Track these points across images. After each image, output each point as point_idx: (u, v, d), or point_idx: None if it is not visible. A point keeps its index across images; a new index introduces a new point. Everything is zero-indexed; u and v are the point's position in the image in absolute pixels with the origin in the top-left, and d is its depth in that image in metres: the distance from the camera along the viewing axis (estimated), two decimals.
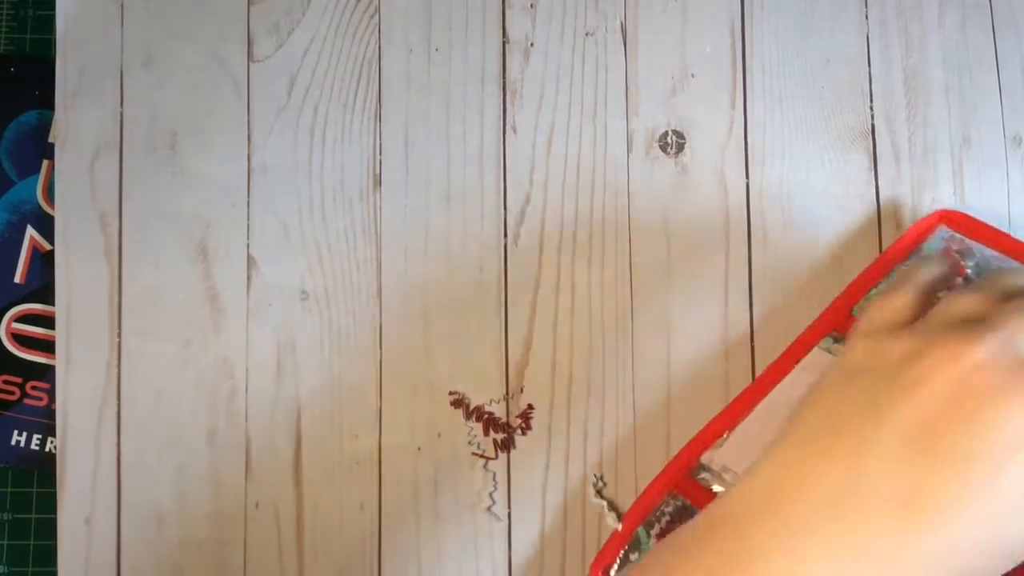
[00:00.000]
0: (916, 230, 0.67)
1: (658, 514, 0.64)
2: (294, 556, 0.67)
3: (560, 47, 0.70)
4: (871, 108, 0.70)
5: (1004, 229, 0.66)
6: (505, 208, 0.69)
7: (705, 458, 0.64)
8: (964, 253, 0.64)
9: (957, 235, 0.66)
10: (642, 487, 0.66)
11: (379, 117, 0.70)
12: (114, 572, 0.67)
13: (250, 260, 0.69)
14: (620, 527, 0.65)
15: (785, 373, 0.65)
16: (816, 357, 0.65)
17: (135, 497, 0.67)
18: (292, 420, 0.68)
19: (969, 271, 0.62)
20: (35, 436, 0.70)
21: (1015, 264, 0.63)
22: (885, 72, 0.70)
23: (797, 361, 0.65)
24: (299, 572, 0.67)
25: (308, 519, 0.67)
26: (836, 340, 0.65)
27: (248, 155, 0.69)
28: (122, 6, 0.71)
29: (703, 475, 0.64)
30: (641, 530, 0.64)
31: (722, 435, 0.65)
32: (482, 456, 0.67)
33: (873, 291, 0.65)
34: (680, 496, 0.64)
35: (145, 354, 0.68)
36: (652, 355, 0.68)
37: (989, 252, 0.64)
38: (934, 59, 0.70)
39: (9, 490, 0.70)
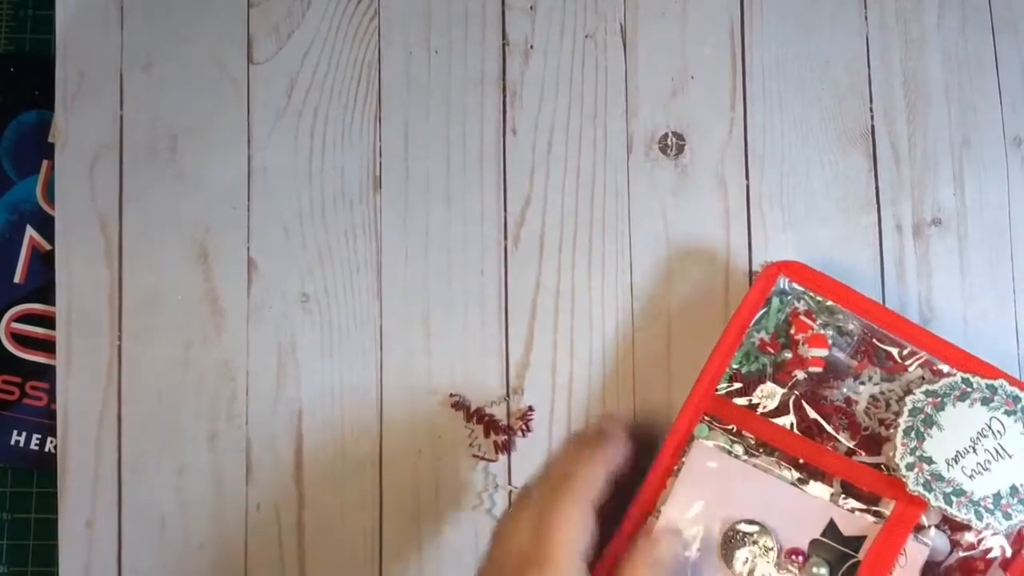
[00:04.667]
0: (757, 289, 0.64)
1: None
2: (295, 557, 0.67)
3: (560, 49, 0.70)
4: (871, 110, 0.70)
5: (839, 279, 0.64)
6: (505, 210, 0.69)
7: None
8: (814, 314, 0.63)
9: (802, 292, 0.64)
10: None
11: (379, 119, 0.70)
12: (115, 573, 0.67)
13: (250, 262, 0.69)
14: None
15: (670, 470, 0.62)
16: (701, 452, 0.62)
17: (136, 499, 0.67)
18: (293, 422, 0.68)
19: (829, 336, 0.63)
20: (35, 436, 0.70)
21: (860, 322, 0.63)
22: (885, 74, 0.70)
23: (680, 453, 0.62)
24: (300, 573, 0.67)
25: (309, 521, 0.67)
26: (711, 427, 0.63)
27: (248, 157, 0.69)
28: (121, 9, 0.71)
29: None
30: None
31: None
32: (482, 458, 0.67)
33: (734, 365, 0.63)
34: None
35: (145, 356, 0.68)
36: (652, 356, 0.68)
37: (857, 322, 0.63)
38: (934, 61, 0.70)
39: (8, 490, 0.70)
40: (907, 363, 0.62)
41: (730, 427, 0.63)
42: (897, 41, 0.70)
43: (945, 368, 0.62)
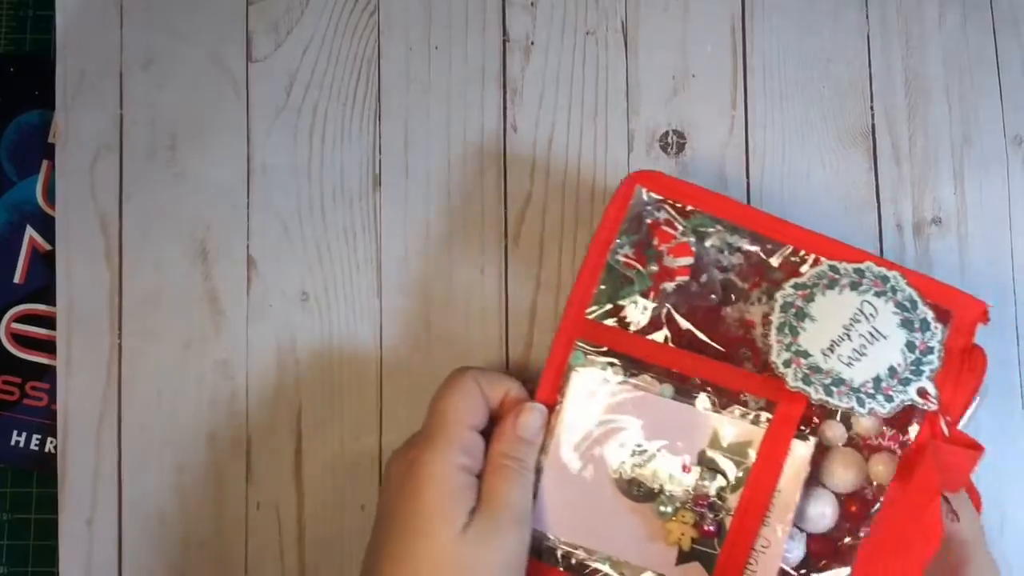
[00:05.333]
0: (616, 204, 0.63)
1: None
2: (295, 556, 0.67)
3: (561, 46, 0.70)
4: (871, 108, 0.70)
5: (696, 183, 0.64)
6: (505, 207, 0.69)
7: None
8: (675, 223, 0.63)
9: (662, 202, 0.63)
10: None
11: (379, 116, 0.70)
12: (115, 573, 0.67)
13: (250, 261, 0.69)
14: None
15: (552, 405, 0.62)
16: (581, 382, 0.62)
17: (136, 498, 0.67)
18: (292, 420, 0.68)
19: (692, 243, 0.62)
20: (35, 436, 0.70)
21: (720, 222, 0.62)
22: (885, 72, 0.70)
23: (559, 386, 0.62)
24: (300, 572, 0.67)
25: (309, 519, 0.67)
26: (587, 353, 0.62)
27: (247, 155, 0.69)
28: (121, 7, 0.71)
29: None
30: None
31: None
32: None
33: (602, 286, 0.63)
34: None
35: (145, 355, 0.68)
36: None
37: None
38: (934, 59, 0.70)
39: (9, 490, 0.70)
40: (771, 258, 0.62)
41: (604, 349, 0.62)
42: (898, 39, 0.70)
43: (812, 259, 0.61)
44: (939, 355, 0.58)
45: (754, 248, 0.62)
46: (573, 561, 0.61)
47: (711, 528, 0.59)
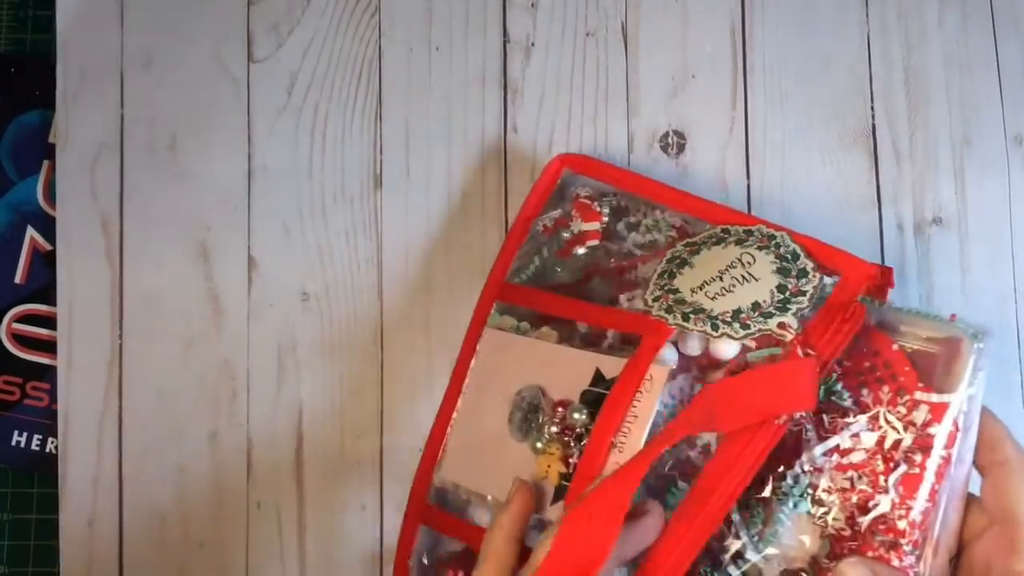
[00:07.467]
0: (542, 182, 0.66)
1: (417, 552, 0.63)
2: (295, 556, 0.67)
3: (561, 47, 0.70)
4: (872, 108, 0.70)
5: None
6: (506, 207, 0.69)
7: (437, 480, 0.63)
8: (595, 197, 0.64)
9: (582, 177, 0.65)
10: None
11: (379, 117, 0.70)
12: (116, 573, 0.67)
13: (251, 261, 0.69)
14: None
15: (468, 362, 0.63)
16: (489, 338, 0.63)
17: (137, 498, 0.67)
18: (293, 420, 0.68)
19: (606, 216, 0.63)
20: (35, 436, 0.70)
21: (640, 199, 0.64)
22: (886, 72, 0.70)
23: (474, 347, 0.63)
24: (301, 572, 0.67)
25: (310, 519, 0.67)
26: (502, 313, 0.63)
27: (248, 156, 0.69)
28: (121, 7, 0.71)
29: (444, 497, 0.63)
30: None
31: (439, 451, 0.63)
32: None
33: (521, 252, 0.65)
34: (430, 527, 0.63)
35: (146, 355, 0.68)
36: None
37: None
38: (935, 59, 0.70)
39: (9, 490, 0.70)
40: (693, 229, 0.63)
41: (518, 310, 0.63)
42: (898, 39, 0.70)
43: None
44: (811, 299, 0.57)
45: (676, 222, 0.63)
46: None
47: (576, 460, 0.58)
